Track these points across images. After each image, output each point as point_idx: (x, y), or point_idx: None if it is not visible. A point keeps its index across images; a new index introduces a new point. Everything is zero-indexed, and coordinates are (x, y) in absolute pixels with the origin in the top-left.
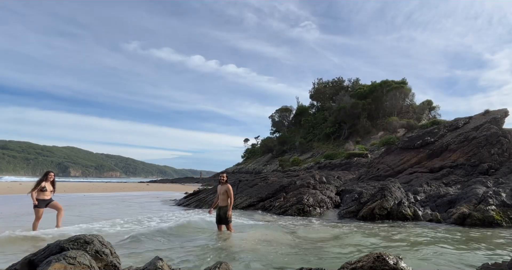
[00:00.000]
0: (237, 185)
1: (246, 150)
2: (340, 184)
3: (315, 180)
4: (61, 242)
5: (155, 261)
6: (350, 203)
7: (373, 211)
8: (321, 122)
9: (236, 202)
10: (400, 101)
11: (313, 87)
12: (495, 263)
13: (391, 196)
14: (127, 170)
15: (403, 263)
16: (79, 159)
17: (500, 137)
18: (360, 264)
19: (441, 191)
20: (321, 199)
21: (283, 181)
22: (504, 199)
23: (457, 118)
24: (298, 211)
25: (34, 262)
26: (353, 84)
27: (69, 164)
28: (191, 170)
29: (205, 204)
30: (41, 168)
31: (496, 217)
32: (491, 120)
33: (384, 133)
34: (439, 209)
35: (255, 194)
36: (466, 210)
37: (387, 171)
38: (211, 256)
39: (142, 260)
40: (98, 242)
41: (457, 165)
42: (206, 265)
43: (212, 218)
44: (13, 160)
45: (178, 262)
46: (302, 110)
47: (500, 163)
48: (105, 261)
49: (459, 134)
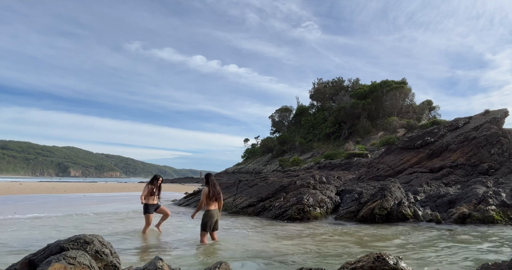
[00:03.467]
0: (237, 185)
1: (246, 150)
2: (340, 184)
3: (315, 180)
4: (61, 242)
5: (155, 261)
6: (350, 203)
7: (373, 211)
8: (321, 122)
9: (236, 202)
10: (400, 101)
11: (313, 87)
12: (495, 263)
13: (391, 196)
14: (127, 170)
15: (403, 263)
16: (79, 159)
17: (500, 137)
18: (360, 264)
19: (441, 191)
20: (321, 199)
21: (283, 181)
22: (504, 199)
23: (457, 118)
24: (298, 211)
25: (34, 262)
26: (353, 84)
27: (69, 164)
28: (191, 170)
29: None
30: (41, 168)
31: (496, 217)
32: (491, 120)
33: (384, 133)
34: (439, 209)
35: (255, 194)
36: (466, 210)
37: (387, 171)
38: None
39: (142, 259)
40: (98, 242)
41: (457, 165)
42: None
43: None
44: (13, 160)
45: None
46: (302, 110)
47: (500, 163)
48: (105, 261)
49: (459, 134)
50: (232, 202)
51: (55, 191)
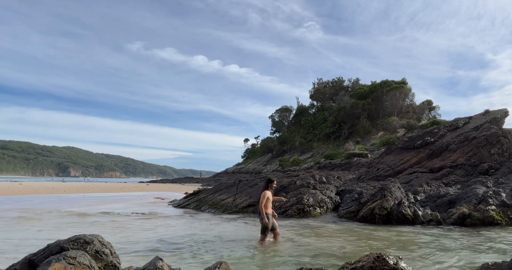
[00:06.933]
0: (237, 185)
1: (246, 150)
2: (340, 184)
3: (315, 180)
4: (61, 242)
5: (155, 261)
6: (350, 203)
7: (373, 211)
8: (321, 122)
9: (236, 202)
10: (400, 101)
11: (313, 87)
12: (495, 263)
13: (391, 196)
14: (127, 170)
15: (403, 263)
16: (79, 159)
17: (500, 137)
18: (360, 264)
19: (441, 191)
20: (321, 199)
21: (283, 181)
22: (504, 199)
23: (457, 118)
24: (298, 211)
25: (34, 262)
26: (353, 84)
27: (69, 164)
28: (191, 170)
29: (204, 205)
30: (41, 168)
31: (496, 217)
32: (491, 120)
33: (384, 133)
34: (439, 209)
35: (255, 194)
36: (466, 210)
37: (387, 171)
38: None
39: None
40: (98, 242)
41: (457, 165)
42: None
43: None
44: (13, 160)
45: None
46: (302, 110)
47: (500, 163)
48: (105, 261)
49: (459, 134)
50: (232, 202)
51: (55, 191)
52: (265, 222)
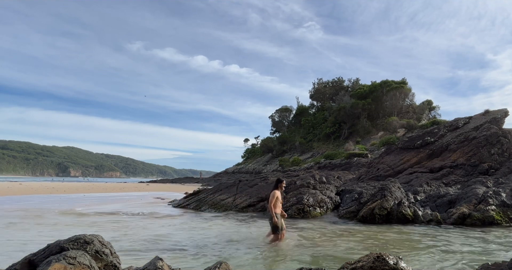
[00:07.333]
0: (237, 185)
1: (246, 150)
2: (340, 184)
3: (315, 180)
4: (61, 242)
5: (155, 261)
6: (350, 203)
7: (373, 211)
8: (321, 122)
9: (236, 202)
10: (400, 101)
11: (313, 87)
12: (495, 263)
13: (391, 196)
14: (127, 170)
15: (403, 263)
16: (79, 159)
17: (500, 137)
18: (360, 264)
19: (441, 191)
20: (321, 199)
21: None
22: (504, 199)
23: (457, 118)
24: (298, 211)
25: (34, 262)
26: (353, 84)
27: (69, 164)
28: (191, 170)
29: (204, 205)
30: (41, 168)
31: (496, 217)
32: (491, 120)
33: (384, 133)
34: (439, 209)
35: (255, 194)
36: (466, 210)
37: (387, 171)
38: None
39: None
40: (98, 242)
41: (457, 165)
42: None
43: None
44: (13, 160)
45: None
46: (302, 110)
47: (500, 163)
48: (105, 261)
49: (459, 134)
50: (232, 202)
51: (55, 191)
52: (275, 221)
